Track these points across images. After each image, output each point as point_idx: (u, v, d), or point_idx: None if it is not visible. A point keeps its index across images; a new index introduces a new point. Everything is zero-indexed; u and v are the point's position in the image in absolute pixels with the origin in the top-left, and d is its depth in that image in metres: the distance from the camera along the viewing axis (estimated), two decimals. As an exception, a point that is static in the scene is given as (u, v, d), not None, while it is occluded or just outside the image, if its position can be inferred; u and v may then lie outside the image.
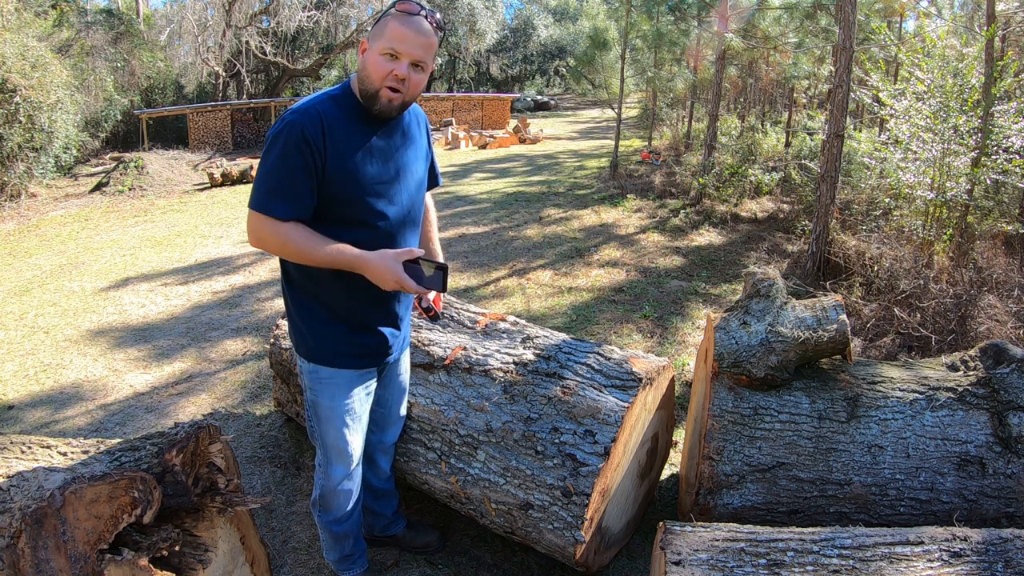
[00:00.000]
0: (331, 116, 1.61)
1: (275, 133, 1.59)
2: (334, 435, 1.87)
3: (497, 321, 2.55)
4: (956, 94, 4.75)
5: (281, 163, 1.57)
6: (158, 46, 19.21)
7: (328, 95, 1.67)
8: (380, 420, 2.11)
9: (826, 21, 9.55)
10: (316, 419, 1.87)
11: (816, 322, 2.17)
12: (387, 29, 1.57)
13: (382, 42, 1.57)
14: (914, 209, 5.12)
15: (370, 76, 1.60)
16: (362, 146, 1.66)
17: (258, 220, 1.60)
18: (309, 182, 1.59)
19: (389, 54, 1.57)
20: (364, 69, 1.61)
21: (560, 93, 35.78)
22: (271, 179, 1.58)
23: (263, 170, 1.61)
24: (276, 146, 1.58)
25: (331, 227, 1.64)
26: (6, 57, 9.30)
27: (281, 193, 1.58)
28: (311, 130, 1.57)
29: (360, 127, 1.66)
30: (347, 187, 1.64)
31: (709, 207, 8.08)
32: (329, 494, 1.95)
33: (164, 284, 5.70)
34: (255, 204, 1.60)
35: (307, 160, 1.57)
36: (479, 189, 10.27)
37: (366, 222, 1.69)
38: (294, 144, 1.56)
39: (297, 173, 1.57)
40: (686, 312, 4.79)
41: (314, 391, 1.83)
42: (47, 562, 1.25)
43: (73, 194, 11.15)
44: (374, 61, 1.58)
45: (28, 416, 3.41)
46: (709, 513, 2.13)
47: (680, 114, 15.38)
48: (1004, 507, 2.00)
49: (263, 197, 1.59)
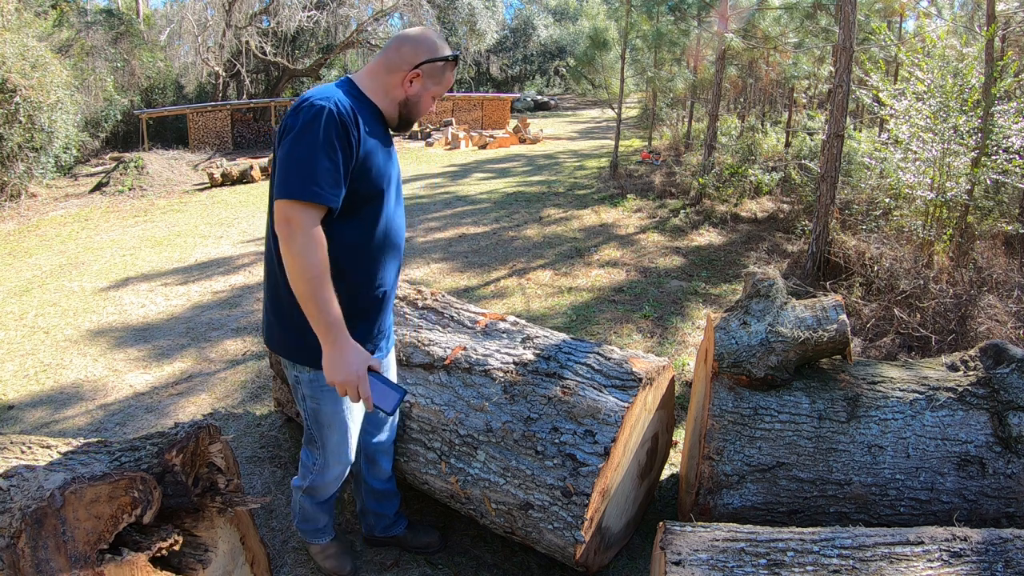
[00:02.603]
0: (360, 111, 1.60)
1: (308, 118, 1.49)
2: (337, 440, 1.87)
3: (497, 321, 2.55)
4: (956, 94, 4.75)
5: (324, 148, 1.48)
6: (158, 46, 19.22)
7: (344, 91, 1.63)
8: (379, 421, 2.11)
9: (826, 21, 9.55)
10: (317, 425, 1.85)
11: (816, 322, 2.18)
12: (445, 78, 1.73)
13: (440, 88, 1.73)
14: (914, 209, 5.12)
15: (420, 111, 1.74)
16: (380, 147, 1.68)
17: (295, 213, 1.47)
18: (346, 171, 1.54)
19: (436, 97, 1.75)
20: (418, 105, 1.73)
21: (560, 93, 35.78)
22: (311, 164, 1.47)
23: (301, 154, 1.48)
24: (312, 131, 1.48)
25: (346, 222, 1.61)
26: (6, 57, 9.31)
27: (323, 180, 1.48)
28: (348, 119, 1.53)
29: (376, 129, 1.68)
30: (371, 184, 1.64)
31: (709, 207, 8.08)
32: (320, 487, 2.00)
33: (164, 284, 5.70)
34: (291, 190, 1.46)
35: (345, 148, 1.53)
36: (479, 189, 10.27)
37: (379, 219, 1.69)
38: (333, 130, 1.49)
39: (338, 160, 1.50)
40: (686, 312, 4.79)
41: (316, 399, 1.79)
42: (47, 562, 1.25)
43: (73, 194, 11.15)
44: (427, 102, 1.74)
45: (28, 416, 3.41)
46: (709, 513, 2.13)
47: (680, 114, 15.39)
48: (1004, 507, 2.00)
49: (304, 184, 1.46)
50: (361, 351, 1.56)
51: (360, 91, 1.68)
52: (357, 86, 1.69)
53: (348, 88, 1.67)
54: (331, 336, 1.52)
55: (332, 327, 1.52)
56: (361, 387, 1.53)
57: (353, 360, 1.53)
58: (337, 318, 1.53)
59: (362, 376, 1.53)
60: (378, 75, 1.68)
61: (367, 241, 1.68)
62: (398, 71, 1.67)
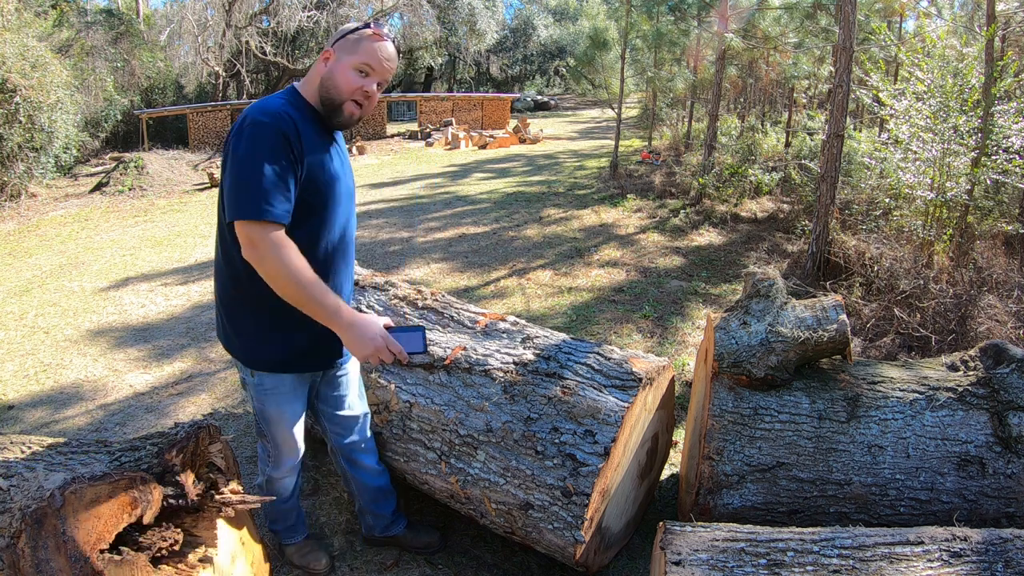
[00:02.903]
0: (299, 120, 1.59)
1: (250, 135, 1.51)
2: (283, 435, 1.94)
3: (497, 321, 2.55)
4: (956, 94, 4.75)
5: (266, 164, 1.48)
6: (158, 46, 19.20)
7: (284, 100, 1.63)
8: (346, 422, 2.10)
9: (826, 21, 9.55)
10: (265, 422, 1.92)
11: (816, 322, 2.18)
12: (362, 46, 1.62)
13: (357, 57, 1.61)
14: (914, 209, 5.12)
15: (338, 87, 1.62)
16: (326, 153, 1.67)
17: (254, 232, 1.49)
18: (294, 183, 1.55)
19: (362, 70, 1.62)
20: (332, 79, 1.62)
21: (560, 93, 35.78)
22: (259, 182, 1.47)
23: (247, 173, 1.48)
24: (257, 148, 1.49)
25: (295, 231, 1.61)
26: (6, 57, 9.30)
27: (272, 196, 1.48)
28: (289, 132, 1.54)
29: (320, 134, 1.67)
30: (318, 194, 1.64)
31: (709, 207, 8.08)
32: (276, 481, 2.06)
33: (164, 284, 5.70)
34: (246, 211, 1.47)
35: (291, 161, 1.54)
36: (479, 189, 10.27)
37: (327, 227, 1.71)
38: (278, 144, 1.51)
39: (285, 173, 1.52)
40: (686, 312, 4.79)
41: (261, 400, 1.86)
42: (47, 562, 1.25)
43: (73, 194, 11.14)
44: (345, 73, 1.61)
45: (28, 416, 3.41)
46: (709, 513, 2.13)
47: (680, 114, 15.38)
48: (1004, 507, 2.00)
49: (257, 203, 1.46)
50: (369, 319, 1.60)
51: (301, 97, 1.68)
52: (298, 92, 1.70)
53: (290, 96, 1.67)
54: (338, 322, 1.56)
55: (335, 315, 1.56)
56: (390, 348, 1.58)
57: (368, 332, 1.57)
58: (336, 306, 1.56)
59: (384, 339, 1.57)
60: (311, 75, 1.70)
61: (317, 246, 1.70)
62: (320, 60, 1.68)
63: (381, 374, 2.41)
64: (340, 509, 2.59)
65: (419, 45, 24.25)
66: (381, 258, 6.38)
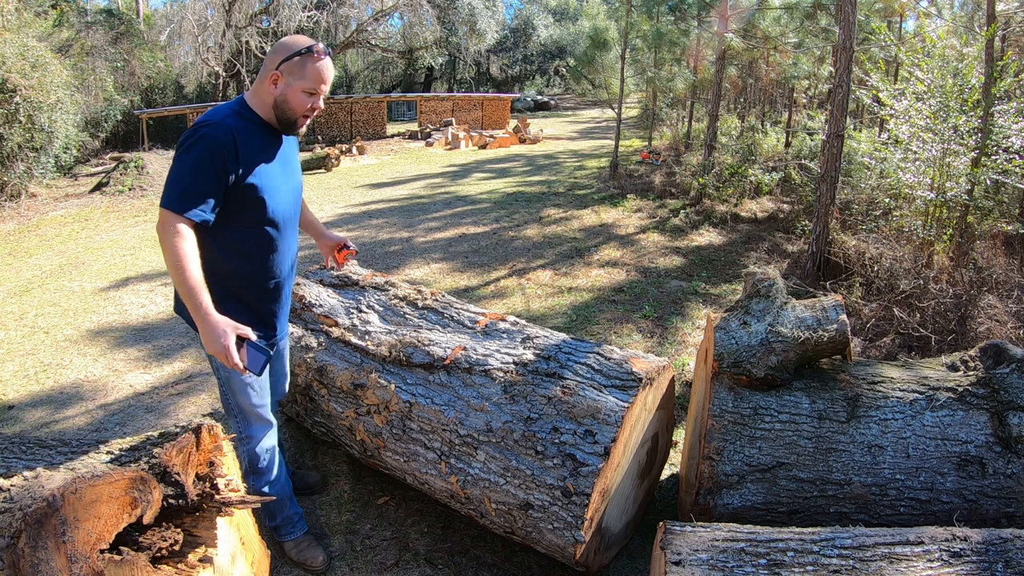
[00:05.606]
0: (240, 130, 1.83)
1: (190, 143, 1.77)
2: (248, 401, 2.08)
3: (497, 321, 2.55)
4: (956, 94, 4.75)
5: (195, 170, 1.75)
6: (158, 46, 19.21)
7: (232, 111, 1.87)
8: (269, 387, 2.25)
9: (826, 21, 9.55)
10: (231, 391, 2.07)
11: (816, 322, 2.17)
12: (307, 70, 1.84)
13: (305, 82, 1.85)
14: (914, 209, 5.12)
15: (292, 108, 1.88)
16: (267, 158, 1.92)
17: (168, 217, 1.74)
18: (218, 190, 1.80)
19: (311, 91, 1.86)
20: (286, 102, 1.87)
21: (560, 93, 35.79)
22: (184, 183, 1.75)
23: (177, 173, 1.77)
24: (191, 155, 1.76)
25: (234, 226, 1.87)
26: (6, 57, 9.29)
27: (192, 198, 1.74)
28: (224, 142, 1.78)
29: (264, 140, 1.92)
30: (255, 194, 1.88)
31: (709, 207, 8.08)
32: (256, 457, 2.14)
33: (164, 284, 5.70)
34: (168, 203, 1.75)
35: (219, 170, 1.77)
36: (479, 189, 10.27)
37: (264, 222, 1.94)
38: (208, 155, 1.75)
39: (209, 180, 1.77)
40: (686, 312, 4.79)
41: (227, 370, 2.02)
42: (47, 562, 1.25)
43: (73, 194, 11.14)
44: (296, 96, 1.86)
45: (28, 416, 3.41)
46: (709, 513, 2.13)
47: (680, 114, 15.39)
48: (1004, 507, 2.00)
49: (176, 198, 1.75)
50: (227, 323, 1.73)
51: (248, 108, 1.90)
52: (246, 103, 1.91)
53: (238, 107, 1.90)
54: (199, 315, 1.73)
55: (199, 307, 1.72)
56: (229, 356, 1.71)
57: (221, 332, 1.71)
58: (203, 300, 1.72)
59: (229, 345, 1.71)
60: (258, 88, 1.90)
61: (255, 240, 1.93)
62: (266, 78, 1.88)
63: (381, 374, 2.41)
64: (340, 509, 2.60)
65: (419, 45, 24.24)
66: (381, 258, 6.38)
